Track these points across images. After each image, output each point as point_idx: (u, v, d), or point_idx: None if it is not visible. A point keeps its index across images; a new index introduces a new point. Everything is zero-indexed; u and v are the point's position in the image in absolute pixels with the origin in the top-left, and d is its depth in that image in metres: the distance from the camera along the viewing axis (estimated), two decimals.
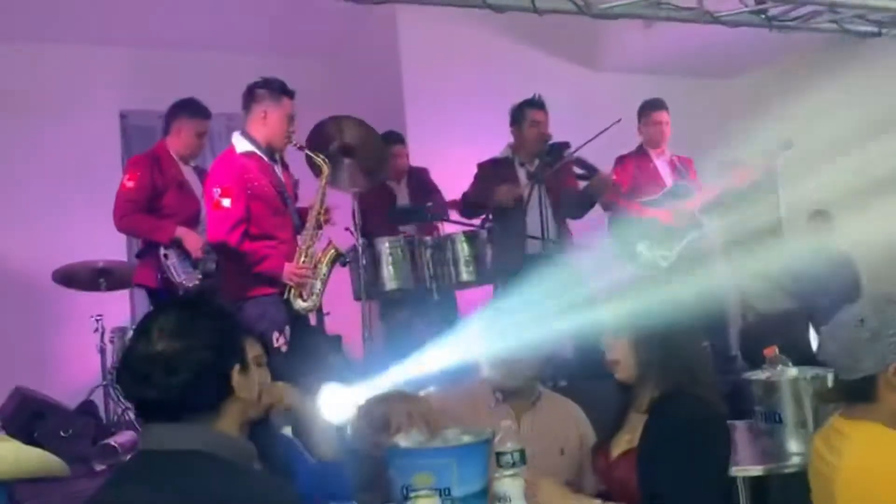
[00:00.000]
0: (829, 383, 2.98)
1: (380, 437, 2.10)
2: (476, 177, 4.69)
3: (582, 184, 4.61)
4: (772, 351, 3.36)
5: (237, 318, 1.63)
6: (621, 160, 5.01)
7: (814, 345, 4.02)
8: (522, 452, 2.00)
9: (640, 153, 5.08)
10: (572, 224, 4.78)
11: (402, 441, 1.96)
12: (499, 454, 1.97)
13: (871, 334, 1.75)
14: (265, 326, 3.59)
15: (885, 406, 1.76)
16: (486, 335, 2.42)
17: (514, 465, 1.94)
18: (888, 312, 1.76)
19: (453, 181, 5.20)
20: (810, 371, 3.11)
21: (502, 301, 3.94)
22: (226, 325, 1.56)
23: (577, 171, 4.57)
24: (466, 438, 1.96)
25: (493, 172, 4.59)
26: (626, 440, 1.99)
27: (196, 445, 1.46)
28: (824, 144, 6.54)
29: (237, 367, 1.53)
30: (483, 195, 4.52)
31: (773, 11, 4.14)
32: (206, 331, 1.50)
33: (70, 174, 5.45)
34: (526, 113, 4.57)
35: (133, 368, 1.49)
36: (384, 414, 2.11)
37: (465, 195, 4.68)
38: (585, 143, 4.41)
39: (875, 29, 4.53)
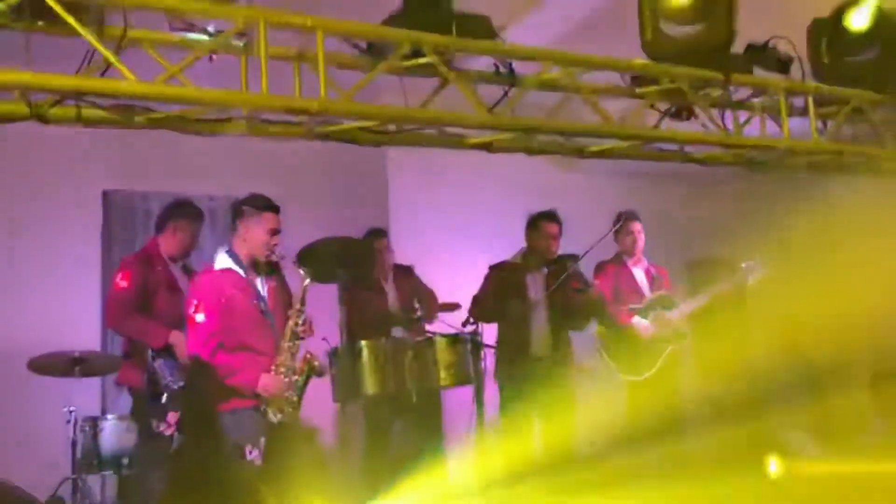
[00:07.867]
0: None
1: None
2: (487, 279, 4.87)
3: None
4: None
5: None
6: (602, 267, 5.15)
7: None
8: None
9: (619, 261, 5.23)
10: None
11: None
12: None
13: None
14: (238, 439, 3.67)
15: None
16: None
17: None
18: None
19: (435, 281, 5.27)
20: None
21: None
22: None
23: (576, 285, 4.73)
24: None
25: (503, 278, 4.79)
26: None
27: None
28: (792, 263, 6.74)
29: None
30: (496, 306, 4.71)
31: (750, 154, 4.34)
32: None
33: (49, 254, 5.39)
34: (540, 225, 4.84)
35: None
36: None
37: (475, 299, 4.81)
38: (587, 252, 4.81)
39: None
